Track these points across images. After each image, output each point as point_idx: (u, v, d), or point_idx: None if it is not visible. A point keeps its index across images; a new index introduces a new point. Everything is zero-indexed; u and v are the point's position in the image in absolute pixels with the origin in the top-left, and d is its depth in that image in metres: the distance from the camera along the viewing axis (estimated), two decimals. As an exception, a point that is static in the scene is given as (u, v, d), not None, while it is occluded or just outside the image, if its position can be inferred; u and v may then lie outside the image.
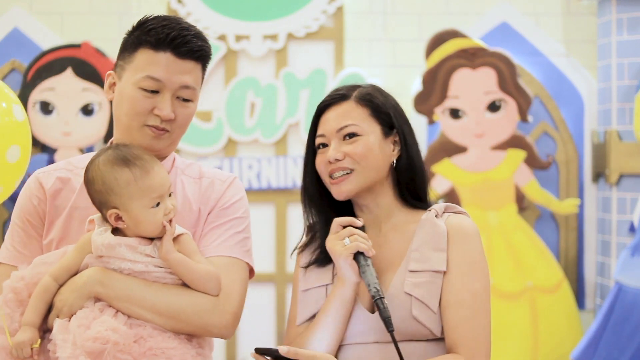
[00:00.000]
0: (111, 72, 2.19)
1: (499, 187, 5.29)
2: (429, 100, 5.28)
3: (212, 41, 5.44)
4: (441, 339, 2.10)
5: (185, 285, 2.07)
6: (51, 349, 2.02)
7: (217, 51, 5.44)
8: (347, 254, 2.08)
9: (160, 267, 2.05)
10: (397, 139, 2.21)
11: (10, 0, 5.47)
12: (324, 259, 2.22)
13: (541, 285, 5.18)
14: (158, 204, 2.05)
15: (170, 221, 2.05)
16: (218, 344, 5.52)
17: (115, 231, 2.08)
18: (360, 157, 2.16)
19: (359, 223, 2.12)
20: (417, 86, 5.38)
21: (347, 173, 2.16)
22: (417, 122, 5.43)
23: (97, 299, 2.03)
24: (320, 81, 5.45)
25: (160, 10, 5.47)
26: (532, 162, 5.32)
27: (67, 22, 5.49)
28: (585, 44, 5.52)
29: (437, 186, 5.23)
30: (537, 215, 5.47)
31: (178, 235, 2.07)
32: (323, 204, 2.25)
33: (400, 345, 2.04)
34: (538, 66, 5.50)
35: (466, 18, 5.50)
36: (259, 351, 2.06)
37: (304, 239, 2.35)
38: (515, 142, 5.31)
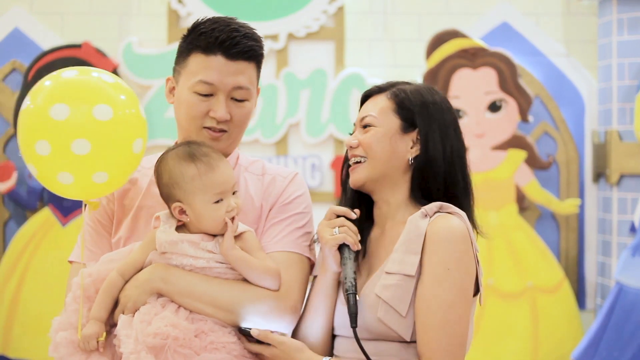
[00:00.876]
0: (170, 77, 2.29)
1: (500, 187, 5.29)
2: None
3: (213, 41, 5.45)
4: (413, 342, 2.07)
5: (246, 280, 2.10)
6: (116, 343, 2.06)
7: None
8: (332, 244, 2.10)
9: (222, 263, 2.09)
10: (418, 137, 2.20)
11: (10, 0, 5.47)
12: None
13: (541, 285, 5.18)
14: (220, 200, 2.10)
15: (233, 219, 2.09)
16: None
17: (180, 228, 2.13)
18: (367, 147, 2.18)
19: (353, 215, 2.13)
20: (417, 86, 5.38)
21: (359, 162, 2.20)
22: (418, 122, 5.43)
23: (160, 295, 2.08)
24: (321, 81, 5.45)
25: (160, 11, 5.48)
26: (533, 162, 5.32)
27: (68, 22, 5.49)
28: (585, 44, 5.51)
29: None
30: (537, 215, 5.47)
31: (241, 233, 2.11)
32: (351, 194, 2.26)
33: (374, 343, 2.06)
34: (538, 66, 5.50)
35: (466, 18, 5.50)
36: (241, 331, 2.09)
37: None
38: (515, 142, 5.31)
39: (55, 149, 2.04)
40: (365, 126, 2.21)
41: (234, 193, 2.13)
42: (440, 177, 2.21)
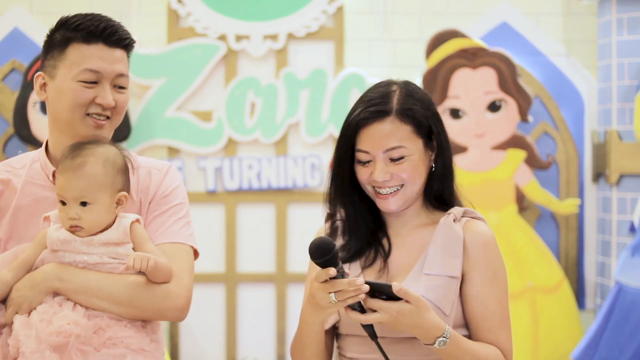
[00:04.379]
0: (40, 73, 2.27)
1: (499, 187, 5.29)
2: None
3: (213, 41, 5.45)
4: None
5: (138, 273, 2.13)
6: (11, 343, 2.06)
7: (218, 51, 5.44)
8: (333, 310, 2.06)
9: (114, 258, 2.12)
10: (434, 144, 2.23)
11: (10, 0, 5.47)
12: (352, 256, 2.23)
13: (541, 285, 5.18)
14: (65, 204, 2.12)
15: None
16: (218, 344, 5.53)
17: None
18: (408, 177, 2.18)
19: (333, 272, 1.99)
20: (417, 86, 5.38)
21: (396, 190, 2.18)
22: (417, 122, 5.43)
23: (56, 294, 2.10)
24: (321, 81, 5.45)
25: (160, 10, 5.48)
26: (533, 162, 5.32)
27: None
28: (585, 43, 5.51)
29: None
30: (537, 215, 5.47)
31: (132, 223, 2.15)
32: (354, 199, 2.28)
33: (409, 342, 2.11)
34: (538, 66, 5.50)
35: (466, 18, 5.50)
36: (372, 285, 1.98)
37: (326, 230, 2.37)
38: (515, 142, 5.31)
39: None
40: (398, 158, 2.17)
41: (84, 204, 2.10)
42: (451, 176, 2.28)
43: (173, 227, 2.25)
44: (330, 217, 2.37)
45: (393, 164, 2.17)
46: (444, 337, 2.03)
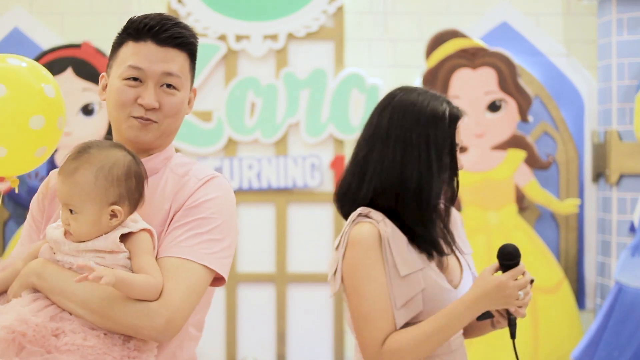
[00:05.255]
0: (103, 74, 2.21)
1: (499, 187, 5.29)
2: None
3: (213, 41, 5.45)
4: None
5: None
6: None
7: (218, 51, 5.44)
8: (516, 307, 2.34)
9: (100, 265, 2.00)
10: None
11: (10, 0, 5.47)
12: (436, 250, 2.36)
13: (541, 285, 5.18)
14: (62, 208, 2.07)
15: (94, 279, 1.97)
16: (218, 344, 5.53)
17: None
18: None
19: (529, 277, 2.40)
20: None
21: None
22: (417, 122, 5.43)
23: (36, 290, 2.05)
24: (321, 81, 5.45)
25: (160, 10, 5.46)
26: (533, 162, 5.32)
27: (67, 22, 5.49)
28: (585, 44, 5.52)
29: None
30: (537, 215, 5.47)
31: (132, 233, 2.03)
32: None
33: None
34: (538, 66, 5.50)
35: (466, 18, 5.50)
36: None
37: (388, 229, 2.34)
38: (515, 142, 5.31)
39: None
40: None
41: (72, 212, 2.02)
42: None
43: (187, 242, 2.04)
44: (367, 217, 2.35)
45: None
46: None
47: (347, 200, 2.37)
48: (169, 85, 2.12)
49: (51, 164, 4.80)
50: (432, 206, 2.33)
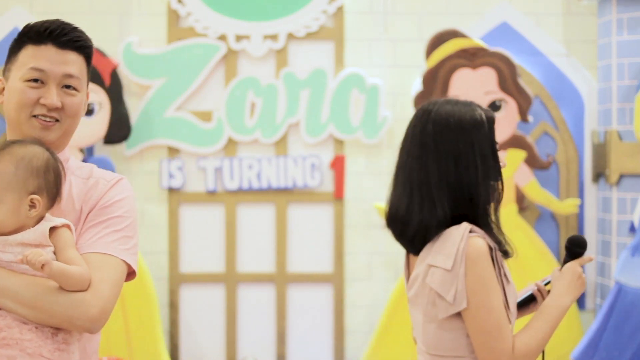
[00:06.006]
0: (1, 78, 2.27)
1: (499, 187, 5.29)
2: (429, 100, 5.28)
3: (212, 41, 5.45)
4: None
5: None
6: None
7: (217, 51, 5.44)
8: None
9: None
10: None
11: (10, 0, 5.47)
12: (506, 253, 2.51)
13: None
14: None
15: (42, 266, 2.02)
16: (218, 344, 5.53)
17: None
18: None
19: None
20: (417, 86, 5.38)
21: None
22: (417, 122, 5.42)
23: None
24: (321, 81, 5.45)
25: (160, 10, 5.48)
26: (533, 162, 5.32)
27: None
28: (585, 44, 5.51)
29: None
30: (537, 215, 5.47)
31: (56, 227, 2.09)
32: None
33: None
34: (538, 66, 5.50)
35: (466, 18, 5.50)
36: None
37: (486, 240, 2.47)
38: (515, 142, 5.31)
39: None
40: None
41: None
42: None
43: (106, 239, 2.16)
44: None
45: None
46: None
47: (413, 224, 2.39)
48: (69, 87, 2.21)
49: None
50: (494, 209, 2.50)
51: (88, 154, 5.33)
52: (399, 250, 2.52)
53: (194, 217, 5.55)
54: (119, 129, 5.32)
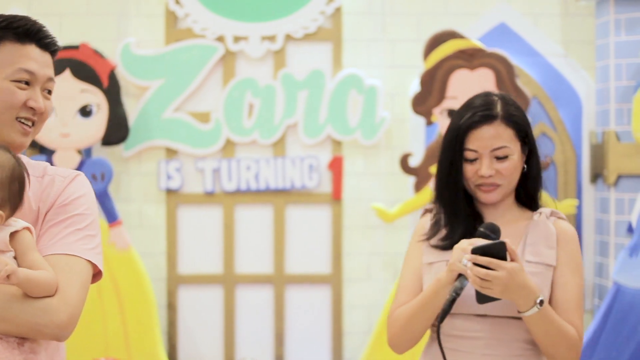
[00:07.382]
0: None
1: (497, 188, 5.29)
2: (427, 101, 5.28)
3: (210, 42, 5.45)
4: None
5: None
6: None
7: (215, 52, 5.44)
8: (455, 270, 2.39)
9: None
10: (527, 148, 2.59)
11: (9, 1, 5.47)
12: (448, 245, 2.53)
13: (539, 285, 5.18)
14: None
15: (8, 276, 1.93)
16: (216, 345, 5.53)
17: None
18: (509, 175, 2.54)
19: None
20: (415, 87, 5.38)
21: (495, 186, 2.54)
22: (416, 123, 5.43)
23: None
24: (319, 82, 5.45)
25: (158, 11, 5.48)
26: (531, 162, 5.32)
27: (66, 23, 5.49)
28: (583, 44, 5.52)
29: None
30: (535, 215, 5.47)
31: (16, 232, 2.00)
32: (458, 198, 2.57)
33: (495, 319, 2.48)
34: (536, 67, 5.50)
35: (464, 19, 5.50)
36: (484, 248, 2.36)
37: (430, 222, 2.62)
38: (513, 142, 5.31)
39: None
40: (502, 157, 2.53)
41: None
42: (539, 178, 2.63)
43: (68, 238, 2.06)
44: (429, 211, 2.66)
45: (498, 161, 2.53)
46: (542, 298, 2.37)
47: None
48: (49, 91, 2.17)
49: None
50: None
51: (86, 155, 5.33)
52: (398, 251, 2.56)
53: (192, 218, 5.55)
54: (117, 130, 5.32)
